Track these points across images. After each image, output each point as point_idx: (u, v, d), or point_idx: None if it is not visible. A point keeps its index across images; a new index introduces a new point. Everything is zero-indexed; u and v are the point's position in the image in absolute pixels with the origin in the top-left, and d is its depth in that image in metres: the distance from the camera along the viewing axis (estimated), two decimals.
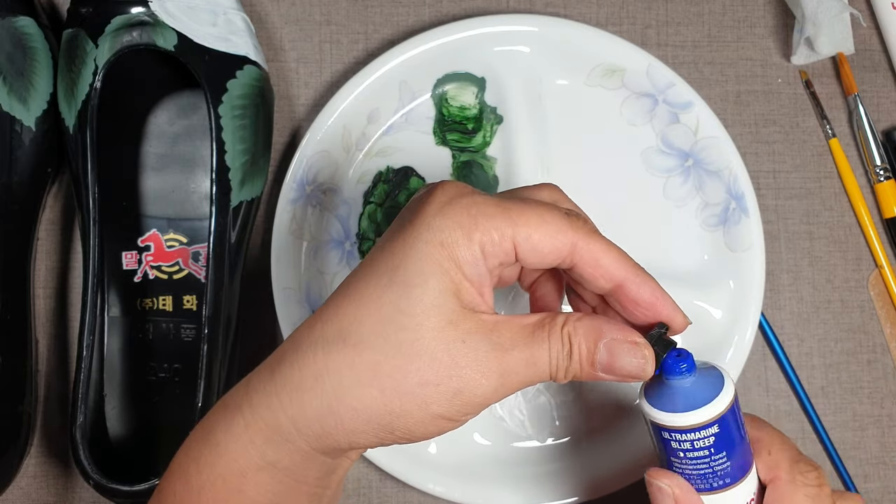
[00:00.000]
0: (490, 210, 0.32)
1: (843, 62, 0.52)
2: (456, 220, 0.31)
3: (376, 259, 0.33)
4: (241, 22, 0.48)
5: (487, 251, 0.31)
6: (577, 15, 0.53)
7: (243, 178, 0.47)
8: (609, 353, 0.32)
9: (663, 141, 0.50)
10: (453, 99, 0.50)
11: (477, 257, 0.31)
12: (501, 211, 0.32)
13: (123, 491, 0.43)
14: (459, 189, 0.33)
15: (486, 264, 0.32)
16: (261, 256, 0.50)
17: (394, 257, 0.32)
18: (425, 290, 0.31)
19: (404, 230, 0.32)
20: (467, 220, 0.31)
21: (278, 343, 0.50)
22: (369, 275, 0.32)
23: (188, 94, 0.50)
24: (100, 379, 0.47)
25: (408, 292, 0.31)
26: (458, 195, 0.32)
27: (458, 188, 0.33)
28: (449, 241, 0.31)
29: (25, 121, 0.46)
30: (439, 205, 0.32)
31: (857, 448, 0.51)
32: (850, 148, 0.53)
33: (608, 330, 0.32)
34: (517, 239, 0.31)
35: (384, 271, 0.32)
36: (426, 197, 0.33)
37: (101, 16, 0.46)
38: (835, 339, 0.52)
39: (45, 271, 0.50)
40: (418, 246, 0.31)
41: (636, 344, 0.32)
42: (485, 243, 0.31)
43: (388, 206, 0.50)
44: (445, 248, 0.31)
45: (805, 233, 0.52)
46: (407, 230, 0.32)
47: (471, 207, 0.32)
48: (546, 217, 0.32)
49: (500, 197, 0.33)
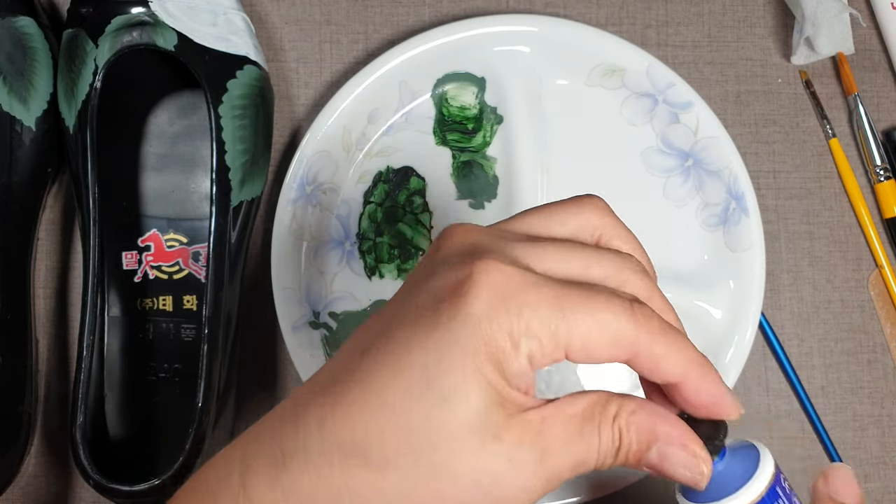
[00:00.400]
0: (543, 310, 0.27)
1: (843, 62, 0.52)
2: (505, 328, 0.27)
3: (400, 352, 0.27)
4: (241, 22, 0.48)
5: (536, 361, 0.27)
6: (577, 15, 0.53)
7: (243, 178, 0.47)
8: (661, 458, 0.28)
9: (663, 141, 0.50)
10: (453, 99, 0.50)
11: (525, 368, 0.27)
12: (556, 310, 0.27)
13: (123, 491, 0.42)
14: (506, 277, 0.27)
15: (533, 370, 0.28)
16: (261, 256, 0.50)
17: (426, 364, 0.27)
18: (467, 406, 0.26)
19: (438, 325, 0.27)
20: (517, 326, 0.27)
21: (278, 343, 0.50)
22: (394, 377, 0.27)
23: (188, 94, 0.50)
24: (100, 379, 0.47)
25: (445, 409, 0.26)
26: (507, 289, 0.27)
27: (504, 276, 0.27)
28: (496, 353, 0.27)
29: (25, 121, 0.46)
30: (486, 304, 0.27)
31: (858, 448, 0.51)
32: (850, 148, 0.53)
33: (664, 434, 0.28)
34: (571, 345, 0.27)
35: (414, 379, 0.27)
36: (466, 283, 0.27)
37: (101, 16, 0.46)
38: (835, 339, 0.52)
39: (45, 271, 0.50)
40: (459, 355, 0.26)
41: (696, 457, 0.28)
42: (534, 354, 0.27)
43: (388, 206, 0.50)
44: (492, 361, 0.27)
45: (805, 233, 0.52)
46: (443, 328, 0.27)
47: (522, 308, 0.27)
48: (607, 316, 0.27)
49: (553, 282, 0.28)
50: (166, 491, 0.43)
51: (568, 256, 0.29)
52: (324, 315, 0.49)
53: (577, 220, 0.30)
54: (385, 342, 0.28)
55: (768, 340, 0.51)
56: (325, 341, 0.49)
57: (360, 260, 0.50)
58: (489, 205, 0.50)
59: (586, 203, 0.31)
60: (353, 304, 0.50)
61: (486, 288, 0.27)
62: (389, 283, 0.50)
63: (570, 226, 0.30)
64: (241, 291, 0.48)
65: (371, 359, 0.28)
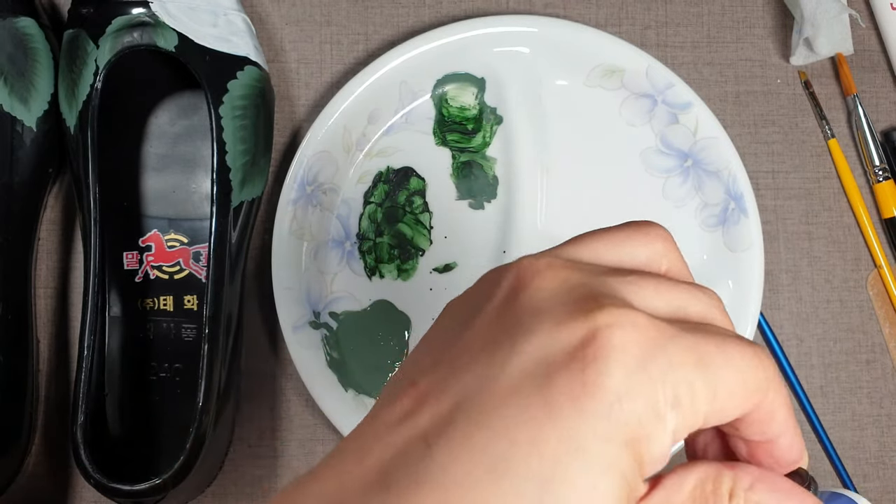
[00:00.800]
0: (689, 368, 0.21)
1: (842, 63, 0.53)
2: (651, 402, 0.20)
3: (497, 450, 0.20)
4: (242, 23, 0.48)
5: (678, 436, 0.21)
6: (577, 16, 0.53)
7: (244, 178, 0.47)
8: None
9: (662, 141, 0.50)
10: (453, 99, 0.51)
11: (667, 450, 0.21)
12: (701, 367, 0.21)
13: (124, 490, 0.43)
14: (642, 331, 0.21)
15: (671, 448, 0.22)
16: (261, 256, 0.51)
17: (542, 475, 0.19)
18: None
19: (557, 408, 0.20)
20: (663, 395, 0.21)
21: (279, 343, 0.50)
22: (494, 488, 0.19)
23: (189, 95, 0.50)
24: (101, 379, 0.47)
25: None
26: (646, 348, 0.21)
27: (639, 330, 0.21)
28: (636, 437, 0.20)
29: (26, 121, 0.46)
30: (624, 373, 0.20)
31: (857, 448, 0.51)
32: (848, 148, 0.53)
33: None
34: (712, 408, 0.22)
35: (525, 476, 0.19)
36: (592, 345, 0.21)
37: (101, 16, 0.46)
38: (834, 338, 0.52)
39: (46, 271, 0.50)
40: (592, 454, 0.20)
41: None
42: (679, 428, 0.21)
43: (388, 206, 0.50)
44: (630, 449, 0.20)
45: (804, 233, 0.52)
46: (567, 414, 0.20)
47: (667, 373, 0.21)
48: (743, 364, 0.22)
49: (683, 328, 0.22)
50: (167, 490, 0.43)
51: (664, 292, 0.23)
52: (324, 315, 0.49)
53: (648, 250, 0.25)
54: (465, 428, 0.20)
55: (767, 340, 0.51)
56: (326, 341, 0.49)
57: (360, 260, 0.50)
58: (489, 205, 0.50)
59: (654, 232, 0.26)
60: (354, 304, 0.50)
61: (620, 350, 0.21)
62: (389, 283, 0.50)
63: (641, 257, 0.25)
64: (242, 291, 0.49)
65: (445, 454, 0.20)
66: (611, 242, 0.25)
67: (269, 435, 0.50)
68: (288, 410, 0.50)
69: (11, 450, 0.46)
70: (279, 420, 0.50)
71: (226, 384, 0.46)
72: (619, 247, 0.25)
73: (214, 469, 0.48)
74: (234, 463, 0.50)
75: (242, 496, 0.50)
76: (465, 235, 0.50)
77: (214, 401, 0.45)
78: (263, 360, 0.50)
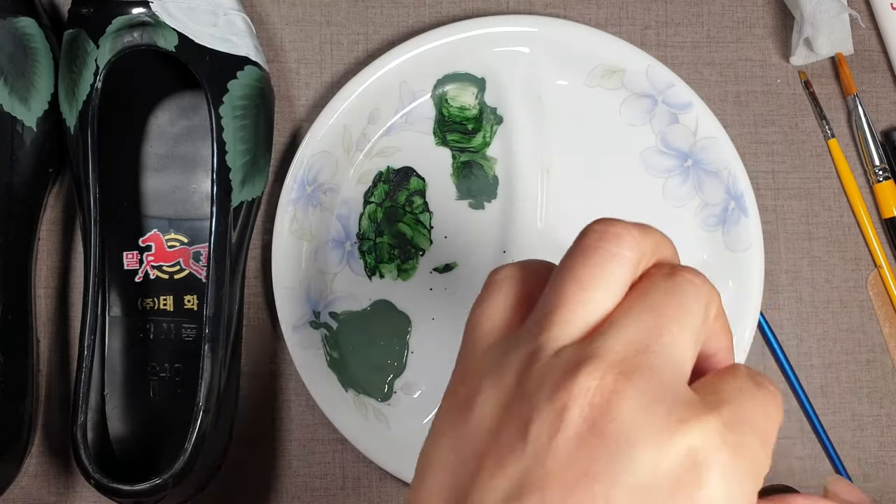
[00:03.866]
0: (761, 462, 0.22)
1: (842, 63, 0.53)
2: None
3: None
4: (242, 23, 0.48)
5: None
6: (577, 16, 0.53)
7: (244, 178, 0.47)
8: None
9: (662, 141, 0.50)
10: (453, 99, 0.51)
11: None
12: (767, 456, 0.22)
13: (124, 490, 0.43)
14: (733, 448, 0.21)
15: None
16: (261, 256, 0.51)
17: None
18: None
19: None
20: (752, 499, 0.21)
21: (279, 343, 0.50)
22: None
23: (189, 95, 0.50)
24: (101, 379, 0.47)
25: None
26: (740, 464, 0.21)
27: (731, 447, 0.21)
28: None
29: (26, 121, 0.46)
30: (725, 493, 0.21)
31: (857, 447, 0.51)
32: (848, 148, 0.53)
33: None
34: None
35: None
36: (693, 471, 0.21)
37: (101, 16, 0.46)
38: (834, 338, 0.52)
39: (46, 271, 0.50)
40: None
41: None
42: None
43: (388, 206, 0.50)
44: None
45: (804, 233, 0.52)
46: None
47: (758, 479, 0.21)
48: (770, 425, 0.23)
49: (737, 425, 0.22)
50: (167, 490, 0.43)
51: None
52: (324, 315, 0.49)
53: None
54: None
55: (767, 340, 0.51)
56: (326, 341, 0.49)
57: (360, 260, 0.50)
58: (489, 205, 0.51)
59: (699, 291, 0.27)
60: (354, 303, 0.50)
61: (719, 472, 0.20)
62: (389, 283, 0.50)
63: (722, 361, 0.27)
64: (242, 291, 0.49)
65: None
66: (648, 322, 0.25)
67: (269, 435, 0.50)
68: (288, 410, 0.50)
69: (11, 450, 0.46)
70: (279, 420, 0.50)
71: (226, 384, 0.46)
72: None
73: (214, 469, 0.48)
74: (234, 463, 0.50)
75: (242, 496, 0.50)
76: (465, 235, 0.50)
77: (214, 401, 0.45)
78: (263, 360, 0.50)
